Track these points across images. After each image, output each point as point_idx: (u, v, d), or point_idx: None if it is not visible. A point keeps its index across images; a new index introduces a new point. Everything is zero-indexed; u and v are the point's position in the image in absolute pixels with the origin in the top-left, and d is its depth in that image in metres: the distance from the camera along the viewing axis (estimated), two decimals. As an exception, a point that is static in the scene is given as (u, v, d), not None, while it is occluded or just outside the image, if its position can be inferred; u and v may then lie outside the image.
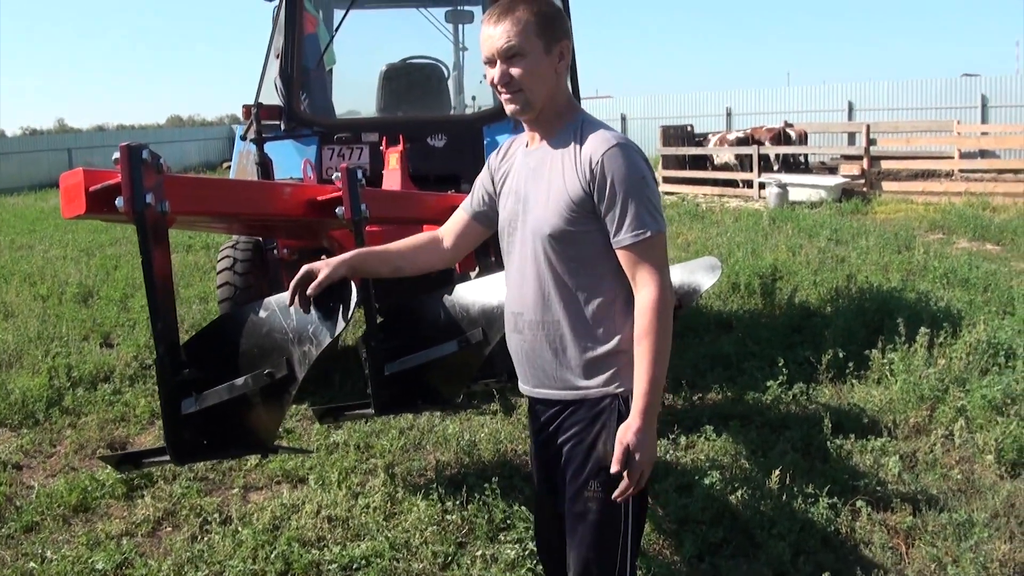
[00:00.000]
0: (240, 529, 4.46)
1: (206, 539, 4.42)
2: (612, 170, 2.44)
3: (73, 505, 4.84)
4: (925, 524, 4.28)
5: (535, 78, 2.49)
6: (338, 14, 7.19)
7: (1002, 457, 4.96)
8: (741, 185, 20.77)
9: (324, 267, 2.62)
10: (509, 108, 2.56)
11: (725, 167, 21.97)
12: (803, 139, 22.82)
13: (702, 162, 22.67)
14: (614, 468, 2.44)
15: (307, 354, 2.74)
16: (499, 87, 2.53)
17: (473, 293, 3.83)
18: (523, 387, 2.77)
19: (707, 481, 4.62)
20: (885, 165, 20.23)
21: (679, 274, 5.21)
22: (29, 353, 7.85)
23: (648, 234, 2.45)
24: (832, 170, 21.47)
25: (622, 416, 2.55)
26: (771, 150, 20.97)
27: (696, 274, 5.14)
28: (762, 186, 19.39)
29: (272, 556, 4.14)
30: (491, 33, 2.49)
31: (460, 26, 8.43)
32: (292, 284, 2.61)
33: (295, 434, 5.81)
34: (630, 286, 2.56)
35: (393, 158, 5.78)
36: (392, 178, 5.59)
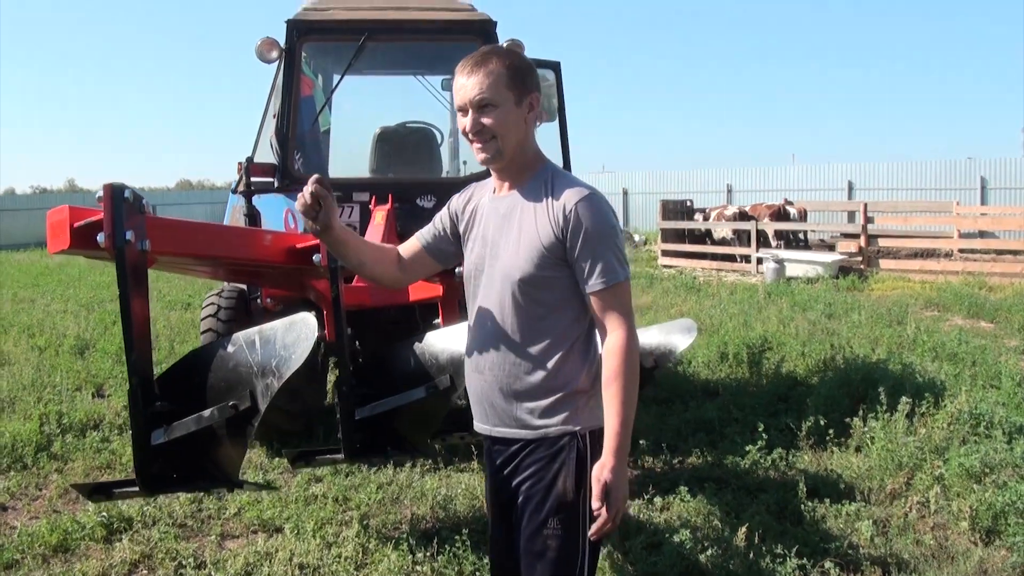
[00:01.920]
0: (213, 574, 4.51)
1: (179, 583, 4.47)
2: (585, 219, 2.56)
3: (53, 545, 4.90)
4: (894, 587, 4.30)
5: (506, 128, 2.61)
6: (337, 78, 7.38)
7: (976, 524, 4.97)
8: (739, 260, 20.92)
9: (329, 210, 2.68)
10: (480, 156, 2.67)
11: (724, 242, 22.15)
12: (803, 216, 23.04)
13: (701, 237, 22.86)
14: (595, 504, 2.52)
15: (269, 387, 2.85)
16: (471, 135, 2.64)
17: (443, 341, 3.93)
18: (480, 427, 2.84)
19: (677, 539, 4.66)
20: (884, 243, 20.40)
21: (655, 335, 5.28)
22: (22, 400, 7.96)
23: (617, 281, 2.57)
24: (831, 247, 21.64)
25: (580, 453, 2.63)
26: (768, 226, 21.16)
27: (672, 335, 5.21)
28: (759, 261, 19.54)
29: (242, 600, 4.19)
30: (464, 83, 2.61)
31: None
32: (309, 186, 2.65)
33: (275, 485, 5.86)
34: (589, 330, 2.68)
35: (379, 215, 5.91)
36: (374, 232, 5.72)
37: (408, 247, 3.03)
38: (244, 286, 6.27)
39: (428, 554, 4.65)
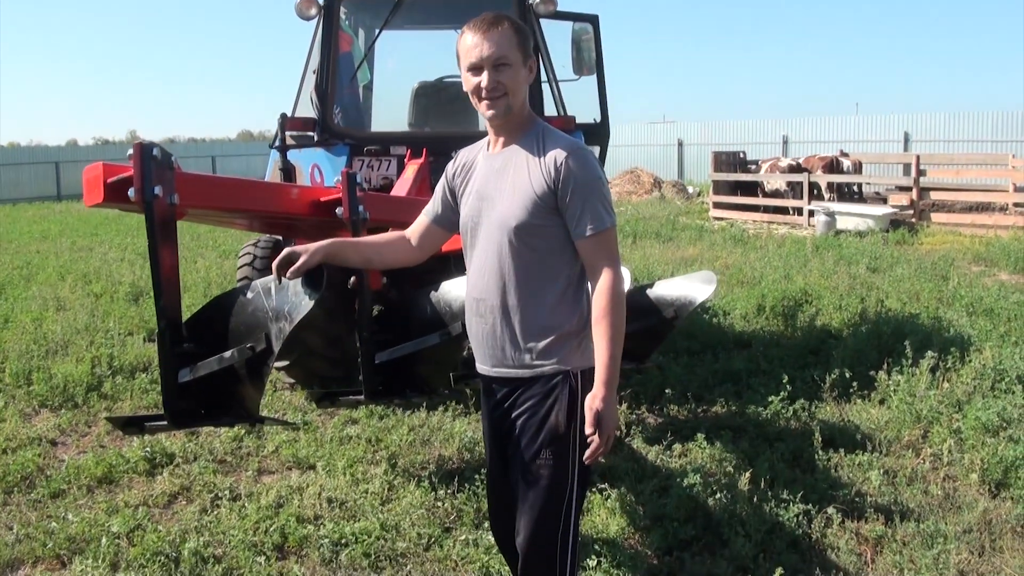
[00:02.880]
0: (247, 505, 4.82)
1: (215, 512, 4.79)
2: (575, 170, 2.77)
3: (98, 477, 5.26)
4: (895, 534, 4.42)
5: (516, 86, 2.83)
6: (376, 33, 7.53)
7: (986, 477, 5.06)
8: (791, 212, 20.79)
9: (303, 252, 2.95)
10: (489, 112, 2.86)
11: (776, 194, 21.99)
12: (858, 169, 22.74)
13: (754, 189, 22.69)
14: (588, 430, 2.75)
15: (282, 330, 3.10)
16: (486, 91, 2.82)
17: (456, 290, 4.16)
18: (481, 367, 3.07)
19: (686, 483, 4.84)
20: (938, 196, 20.12)
21: (675, 286, 5.43)
22: (75, 343, 8.34)
23: (604, 228, 2.79)
24: (885, 200, 21.39)
25: (572, 391, 2.87)
26: (821, 178, 20.98)
27: (692, 285, 5.35)
28: (811, 214, 19.44)
29: (271, 529, 4.49)
30: (479, 43, 2.79)
31: None
32: (275, 264, 2.94)
33: (312, 426, 6.15)
34: (580, 276, 2.90)
35: (411, 169, 6.09)
36: (402, 185, 5.90)
37: (418, 225, 3.27)
38: (280, 237, 6.53)
39: (450, 491, 4.91)
